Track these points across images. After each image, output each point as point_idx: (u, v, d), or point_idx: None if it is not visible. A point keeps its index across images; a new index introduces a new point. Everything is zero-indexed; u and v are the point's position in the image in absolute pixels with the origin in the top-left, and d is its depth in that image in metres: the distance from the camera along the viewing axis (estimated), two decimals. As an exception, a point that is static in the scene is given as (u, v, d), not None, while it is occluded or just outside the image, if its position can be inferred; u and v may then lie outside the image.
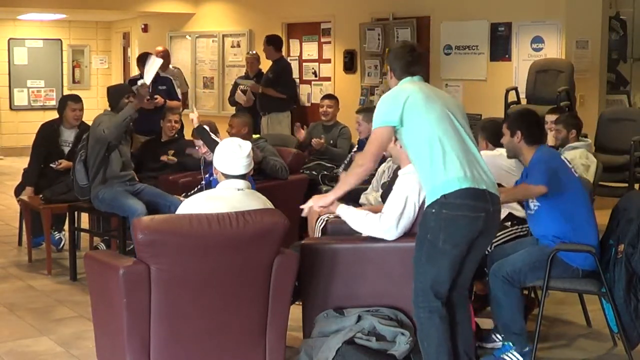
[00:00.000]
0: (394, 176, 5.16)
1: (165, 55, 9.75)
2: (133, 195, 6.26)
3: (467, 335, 4.20)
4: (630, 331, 4.54)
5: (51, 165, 7.29)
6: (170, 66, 10.30)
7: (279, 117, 10.21)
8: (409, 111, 3.99)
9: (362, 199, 6.23)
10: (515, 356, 4.57)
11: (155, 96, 8.36)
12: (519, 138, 4.72)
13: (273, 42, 10.33)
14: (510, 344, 4.59)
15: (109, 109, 6.58)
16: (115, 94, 6.53)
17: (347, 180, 4.24)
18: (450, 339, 4.05)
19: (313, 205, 4.34)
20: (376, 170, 6.28)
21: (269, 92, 10.04)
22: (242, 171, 4.32)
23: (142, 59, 8.53)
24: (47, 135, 7.42)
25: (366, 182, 6.58)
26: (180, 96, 9.20)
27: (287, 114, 10.34)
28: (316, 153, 7.94)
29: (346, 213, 4.56)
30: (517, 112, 5.28)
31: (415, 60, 4.18)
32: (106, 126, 6.21)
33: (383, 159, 6.02)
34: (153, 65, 7.41)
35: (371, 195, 6.16)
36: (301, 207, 4.41)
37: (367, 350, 4.31)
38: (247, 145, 4.38)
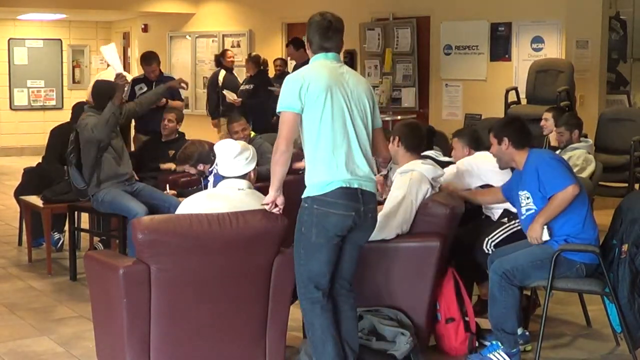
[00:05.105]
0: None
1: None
2: (132, 196, 6.18)
3: (349, 327, 4.17)
4: (634, 331, 4.53)
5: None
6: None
7: None
8: (306, 103, 3.99)
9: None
10: (502, 356, 4.53)
11: None
12: (507, 145, 4.74)
13: (294, 43, 9.97)
14: (499, 343, 4.56)
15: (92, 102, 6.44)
16: (99, 95, 6.34)
17: (275, 171, 4.06)
18: (336, 329, 4.07)
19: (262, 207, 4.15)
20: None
21: None
22: (241, 172, 4.31)
23: (145, 59, 8.48)
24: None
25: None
26: (182, 97, 9.04)
27: None
28: None
29: None
30: (500, 120, 5.35)
31: (331, 35, 4.10)
32: (93, 125, 6.07)
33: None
34: (111, 54, 7.12)
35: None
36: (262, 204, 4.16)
37: (367, 350, 4.31)
38: (242, 146, 4.36)
